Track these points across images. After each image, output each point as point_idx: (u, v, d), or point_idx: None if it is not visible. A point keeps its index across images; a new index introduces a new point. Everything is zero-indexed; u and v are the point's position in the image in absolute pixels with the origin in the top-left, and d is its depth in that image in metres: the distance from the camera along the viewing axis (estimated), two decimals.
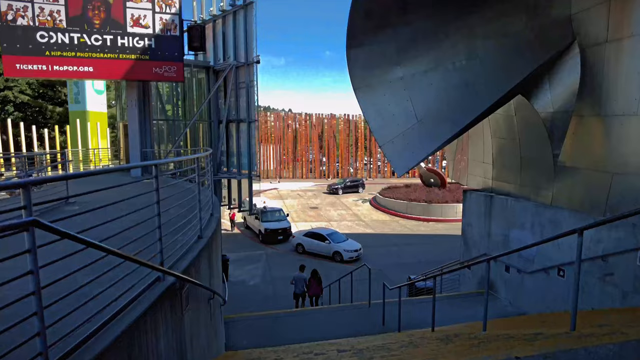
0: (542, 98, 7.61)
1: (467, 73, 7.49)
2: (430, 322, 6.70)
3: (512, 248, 9.40)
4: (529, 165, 8.86)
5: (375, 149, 51.89)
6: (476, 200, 10.70)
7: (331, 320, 8.39)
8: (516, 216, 9.15)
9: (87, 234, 2.42)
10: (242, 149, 17.46)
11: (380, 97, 7.75)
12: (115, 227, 3.09)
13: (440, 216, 29.19)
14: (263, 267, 19.59)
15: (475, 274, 10.94)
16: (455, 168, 12.83)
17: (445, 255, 21.23)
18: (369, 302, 9.18)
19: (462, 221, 11.51)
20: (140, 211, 3.42)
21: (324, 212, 31.49)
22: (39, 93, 33.15)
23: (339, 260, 20.02)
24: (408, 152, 7.57)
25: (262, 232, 23.28)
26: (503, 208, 9.62)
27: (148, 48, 14.25)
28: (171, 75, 14.79)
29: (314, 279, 12.66)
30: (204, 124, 18.24)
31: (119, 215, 3.18)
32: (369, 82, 7.77)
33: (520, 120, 8.66)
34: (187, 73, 17.57)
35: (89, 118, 29.43)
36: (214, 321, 5.39)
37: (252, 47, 16.64)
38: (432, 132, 7.50)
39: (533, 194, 8.79)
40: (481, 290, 10.23)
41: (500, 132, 9.59)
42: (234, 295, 16.39)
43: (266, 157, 50.75)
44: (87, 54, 13.49)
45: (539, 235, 8.42)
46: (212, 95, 17.47)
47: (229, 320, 8.41)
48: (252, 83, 16.66)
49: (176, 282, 3.62)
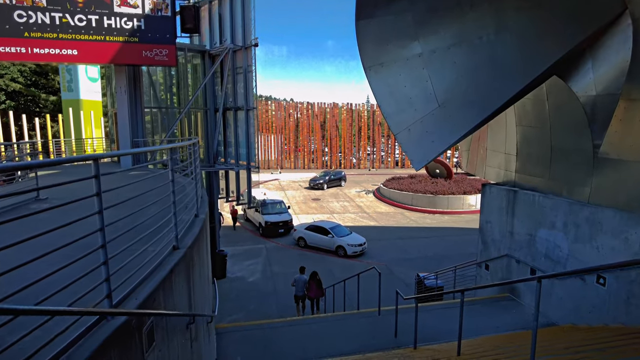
0: (582, 79, 6.52)
1: (496, 49, 6.40)
2: (449, 332, 5.73)
3: (539, 249, 8.44)
4: (561, 157, 7.80)
5: (378, 139, 50.72)
6: (497, 195, 9.67)
7: (336, 331, 7.46)
8: (545, 214, 8.13)
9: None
10: (240, 138, 16.44)
11: (394, 77, 6.68)
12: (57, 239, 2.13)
13: (447, 208, 28.34)
14: (263, 262, 18.75)
15: (494, 275, 9.97)
16: (471, 159, 11.76)
17: (453, 250, 20.38)
18: (378, 310, 8.23)
19: (480, 218, 10.50)
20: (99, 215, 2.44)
21: (326, 203, 30.58)
22: (31, 81, 31.99)
23: (343, 255, 19.20)
24: (427, 141, 6.52)
25: (263, 225, 22.43)
26: (529, 204, 8.60)
27: (137, 29, 13.17)
28: (162, 59, 13.70)
29: (313, 281, 12.19)
30: (200, 113, 17.18)
31: (56, 226, 2.22)
32: (381, 60, 6.68)
33: (553, 105, 7.57)
34: (181, 58, 16.49)
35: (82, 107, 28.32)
36: (196, 347, 4.45)
37: (249, 30, 15.52)
38: (456, 118, 6.44)
39: (566, 189, 7.76)
40: (503, 294, 9.28)
41: (528, 119, 8.51)
42: (232, 293, 15.60)
43: (267, 147, 49.70)
44: (70, 35, 12.42)
45: (573, 236, 7.41)
46: (208, 80, 16.38)
47: (222, 330, 7.49)
48: (250, 68, 15.57)
49: (132, 319, 2.65)
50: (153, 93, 16.78)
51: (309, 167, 49.55)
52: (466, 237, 22.76)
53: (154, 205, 3.84)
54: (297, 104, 51.51)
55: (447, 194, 28.62)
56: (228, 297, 15.16)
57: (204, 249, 5.30)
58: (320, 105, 50.94)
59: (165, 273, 3.40)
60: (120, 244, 3.07)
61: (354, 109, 50.73)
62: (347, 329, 7.61)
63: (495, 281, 9.92)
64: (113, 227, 2.88)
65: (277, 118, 50.07)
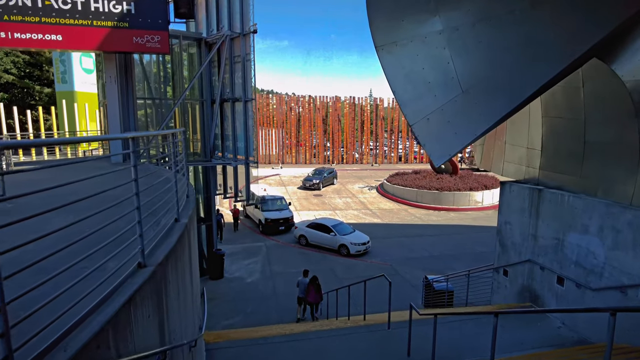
0: (629, 60, 5.59)
1: (529, 26, 5.47)
2: (470, 350, 4.87)
3: (569, 255, 7.52)
4: (597, 152, 6.88)
5: (381, 133, 49.73)
6: (518, 193, 8.76)
7: (341, 348, 6.62)
8: (576, 216, 7.23)
9: None
10: (238, 131, 15.54)
11: (411, 58, 5.75)
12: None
13: (452, 204, 27.54)
14: (262, 261, 17.97)
15: (514, 281, 9.08)
16: (486, 154, 10.83)
17: (460, 249, 19.56)
18: (388, 322, 7.37)
19: (498, 218, 9.60)
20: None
21: (328, 200, 29.76)
22: (25, 72, 31.12)
23: (346, 254, 18.42)
24: (449, 133, 5.62)
25: (262, 222, 21.61)
26: (556, 205, 7.69)
27: (127, 14, 12.24)
28: (154, 46, 12.77)
29: (312, 286, 11.92)
30: (196, 104, 16.27)
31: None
32: (395, 38, 5.75)
33: (590, 93, 6.63)
34: (176, 47, 15.58)
35: (76, 99, 27.46)
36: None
37: (248, 15, 14.57)
38: (482, 106, 5.53)
39: (602, 188, 6.85)
40: (525, 304, 8.40)
41: (557, 109, 7.58)
42: (229, 294, 14.82)
43: (268, 142, 48.78)
44: (54, 19, 11.52)
45: (611, 242, 6.51)
46: (205, 70, 15.46)
47: (214, 346, 6.64)
48: (249, 56, 14.64)
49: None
50: (147, 85, 15.87)
51: (311, 162, 48.66)
52: (473, 235, 21.98)
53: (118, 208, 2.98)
54: (298, 97, 50.41)
55: (453, 190, 27.83)
56: (225, 299, 14.42)
57: (186, 261, 4.44)
58: (322, 99, 49.91)
59: (118, 305, 2.53)
60: (55, 266, 2.21)
61: (357, 102, 49.69)
62: (353, 345, 6.75)
63: (514, 288, 9.04)
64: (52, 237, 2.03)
65: (279, 112, 49.10)
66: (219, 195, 17.97)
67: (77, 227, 2.44)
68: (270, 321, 12.52)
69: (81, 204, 2.47)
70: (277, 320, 12.60)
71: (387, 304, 7.63)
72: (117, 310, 2.50)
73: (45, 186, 2.15)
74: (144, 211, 3.25)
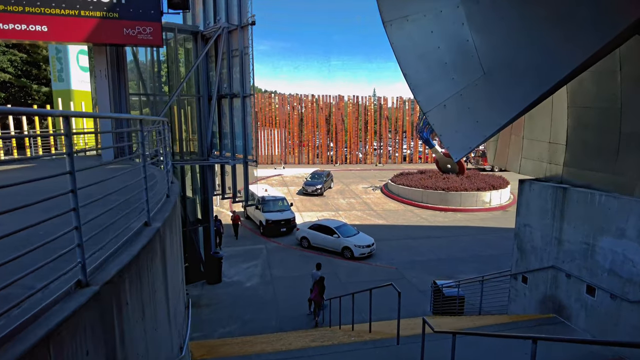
0: None
1: None
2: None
3: (601, 262, 6.67)
4: (635, 145, 6.07)
5: (385, 133, 48.93)
6: (539, 193, 7.94)
7: None
8: (609, 218, 6.41)
9: None
10: (236, 129, 14.81)
11: (424, 35, 4.96)
12: None
13: (459, 205, 26.73)
14: (262, 265, 17.25)
15: (534, 290, 8.25)
16: (500, 150, 10.01)
17: (468, 251, 18.74)
18: (397, 337, 6.58)
19: (516, 220, 8.78)
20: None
21: (331, 200, 29.01)
22: (22, 71, 30.52)
23: (349, 257, 17.69)
24: (469, 122, 4.83)
25: (263, 223, 20.88)
26: (585, 205, 6.88)
27: (117, 3, 11.58)
28: (146, 38, 12.08)
29: (318, 286, 11.68)
30: (193, 101, 15.56)
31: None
32: (406, 12, 4.95)
33: (629, 77, 5.83)
34: (171, 41, 14.88)
35: (73, 97, 26.82)
36: None
37: (246, 6, 13.86)
38: (507, 91, 4.75)
39: None
40: (547, 315, 7.58)
41: (585, 98, 6.77)
42: (226, 300, 14.05)
43: (270, 142, 48.11)
44: (38, 9, 10.88)
45: None
46: (201, 64, 14.75)
47: None
48: (247, 50, 13.91)
49: None
50: (141, 81, 15.18)
51: (314, 163, 47.95)
52: (482, 237, 21.19)
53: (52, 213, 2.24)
54: (301, 97, 49.64)
55: (460, 191, 27.03)
56: (222, 305, 13.71)
57: (159, 274, 3.67)
58: (325, 99, 49.17)
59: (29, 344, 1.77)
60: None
61: (361, 102, 48.91)
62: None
63: (535, 297, 8.20)
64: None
65: (281, 112, 48.42)
66: (216, 195, 17.27)
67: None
68: (269, 329, 11.80)
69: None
70: (277, 329, 11.87)
71: (393, 309, 6.90)
72: (24, 352, 1.74)
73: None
74: (116, 213, 2.52)
